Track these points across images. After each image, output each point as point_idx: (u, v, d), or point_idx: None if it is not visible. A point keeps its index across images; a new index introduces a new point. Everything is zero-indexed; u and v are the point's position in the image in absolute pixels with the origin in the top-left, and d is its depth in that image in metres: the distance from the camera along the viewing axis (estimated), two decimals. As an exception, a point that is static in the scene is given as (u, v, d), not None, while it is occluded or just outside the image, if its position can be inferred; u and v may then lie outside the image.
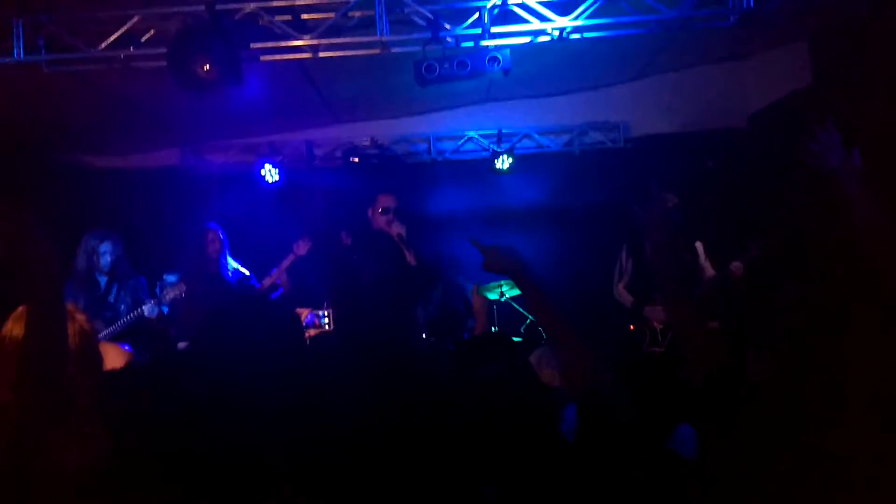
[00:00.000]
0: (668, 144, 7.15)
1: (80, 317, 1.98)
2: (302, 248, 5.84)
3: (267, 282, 5.88)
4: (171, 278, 6.28)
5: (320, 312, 5.78)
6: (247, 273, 5.89)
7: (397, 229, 5.29)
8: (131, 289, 5.32)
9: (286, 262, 5.85)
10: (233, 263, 5.85)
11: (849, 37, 5.70)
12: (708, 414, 2.09)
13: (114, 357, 2.55)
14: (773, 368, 1.92)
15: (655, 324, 5.49)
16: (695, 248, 5.62)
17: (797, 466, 1.60)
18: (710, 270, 5.54)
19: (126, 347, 4.68)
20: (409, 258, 5.33)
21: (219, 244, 5.74)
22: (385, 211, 5.38)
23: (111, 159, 7.47)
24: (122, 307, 5.22)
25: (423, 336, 5.82)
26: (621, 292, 5.74)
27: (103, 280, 5.24)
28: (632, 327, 5.66)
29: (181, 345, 5.14)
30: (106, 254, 5.17)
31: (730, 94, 6.85)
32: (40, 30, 4.56)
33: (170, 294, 5.24)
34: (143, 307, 5.15)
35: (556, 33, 4.74)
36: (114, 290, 5.25)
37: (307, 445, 1.45)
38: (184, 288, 5.29)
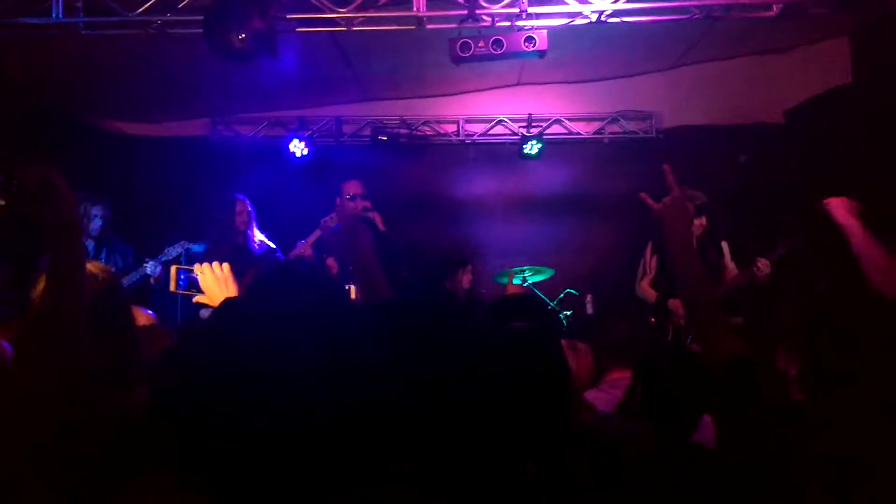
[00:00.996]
0: (700, 136, 7.06)
1: (101, 272, 1.97)
2: (330, 223, 5.85)
3: (292, 255, 5.88)
4: (196, 248, 6.31)
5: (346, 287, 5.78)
6: (273, 246, 5.90)
7: (361, 204, 5.84)
8: (120, 252, 5.40)
9: (312, 237, 5.85)
10: (259, 236, 5.86)
11: (890, 35, 5.59)
12: (726, 403, 2.07)
13: (137, 317, 2.55)
14: (796, 366, 1.90)
15: (679, 319, 5.43)
16: (720, 247, 5.56)
17: (813, 464, 1.59)
18: (734, 270, 5.48)
19: (145, 311, 4.73)
20: (378, 223, 5.78)
21: (246, 216, 5.74)
22: (352, 197, 5.86)
23: (142, 126, 7.51)
24: (113, 269, 5.28)
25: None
26: (645, 288, 5.68)
27: (91, 245, 5.28)
28: (653, 320, 5.62)
29: (203, 312, 5.18)
30: (96, 217, 5.23)
31: (767, 88, 6.74)
32: (79, -9, 4.58)
33: (172, 252, 5.28)
34: (146, 265, 5.20)
35: (595, 16, 4.68)
36: (104, 254, 5.29)
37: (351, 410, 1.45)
38: (187, 246, 5.35)
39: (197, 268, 2.25)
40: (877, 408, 1.62)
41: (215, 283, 2.20)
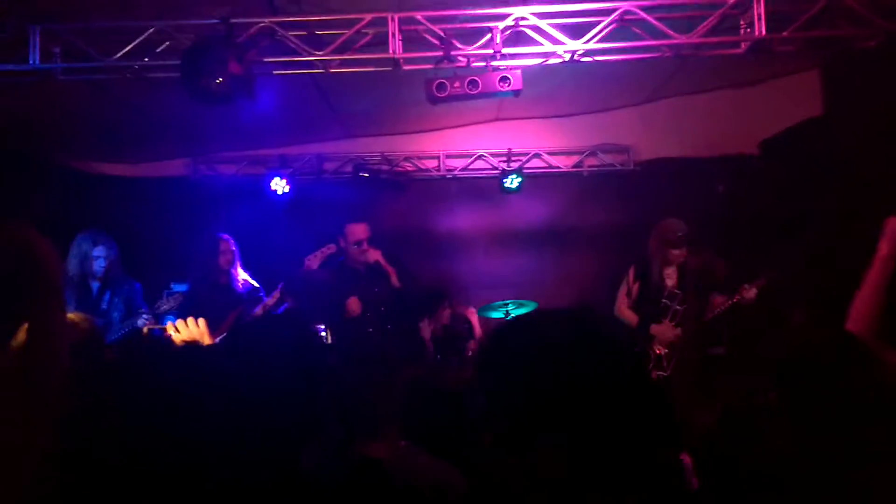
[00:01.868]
0: (677, 168, 7.16)
1: (83, 322, 1.97)
2: (313, 261, 5.83)
3: (275, 295, 5.86)
4: (178, 288, 6.28)
5: (321, 327, 5.77)
6: (256, 285, 5.88)
7: (373, 256, 5.44)
8: (125, 295, 5.21)
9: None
10: (243, 275, 5.84)
11: (858, 68, 5.71)
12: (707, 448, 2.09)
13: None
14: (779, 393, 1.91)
15: (658, 349, 5.46)
16: (706, 275, 5.59)
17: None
18: (720, 297, 5.51)
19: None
20: (394, 280, 5.45)
21: (230, 255, 5.71)
22: (358, 243, 5.50)
23: (122, 167, 7.53)
24: (115, 314, 5.12)
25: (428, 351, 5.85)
26: (624, 311, 5.69)
27: (96, 285, 5.14)
28: (635, 349, 5.63)
29: None
30: (100, 258, 5.08)
31: (741, 120, 6.86)
32: (56, 38, 4.60)
33: (165, 306, 5.17)
34: (138, 320, 5.05)
35: (568, 56, 4.76)
36: (107, 297, 5.13)
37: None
38: (179, 300, 5.25)
39: (169, 326, 2.26)
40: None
41: (191, 339, 2.20)
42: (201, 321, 2.24)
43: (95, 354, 2.01)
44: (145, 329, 5.07)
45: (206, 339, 2.22)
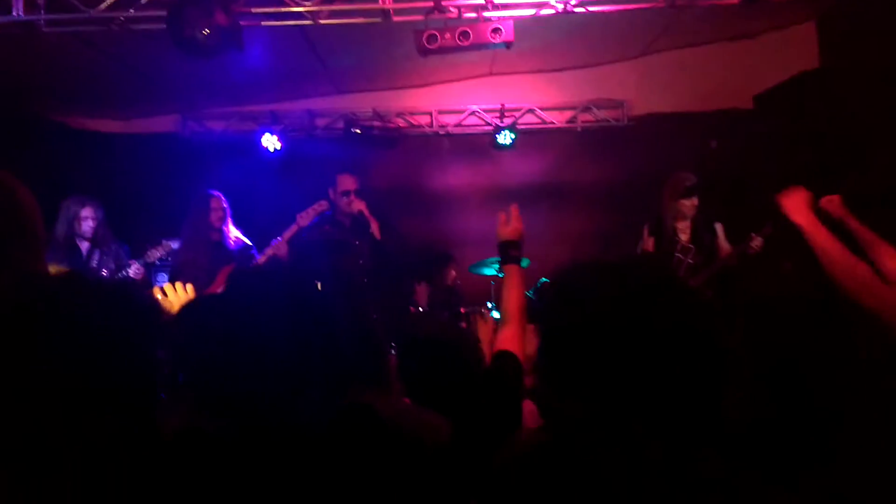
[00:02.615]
0: (671, 123, 7.10)
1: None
2: (305, 218, 5.81)
3: (268, 252, 5.84)
4: (172, 244, 6.25)
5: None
6: (249, 243, 5.86)
7: (358, 206, 5.64)
8: (113, 254, 5.30)
9: (289, 233, 5.81)
10: (235, 232, 5.82)
11: (855, 19, 5.65)
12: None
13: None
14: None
15: None
16: (714, 229, 5.60)
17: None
18: (728, 250, 5.51)
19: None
20: (374, 231, 5.62)
21: (222, 212, 5.69)
22: (346, 193, 5.72)
23: (111, 123, 7.45)
24: (105, 273, 5.19)
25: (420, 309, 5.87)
26: None
27: (84, 246, 5.22)
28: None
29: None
30: (87, 219, 5.15)
31: (735, 74, 6.79)
32: (39, -12, 4.52)
33: (154, 254, 5.21)
34: (129, 269, 5.12)
35: (561, 6, 4.69)
36: (96, 256, 5.22)
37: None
38: (169, 248, 5.28)
39: (157, 290, 2.24)
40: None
41: (179, 303, 2.19)
42: (189, 287, 2.23)
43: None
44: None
45: None
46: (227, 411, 1.54)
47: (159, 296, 2.25)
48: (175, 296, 2.23)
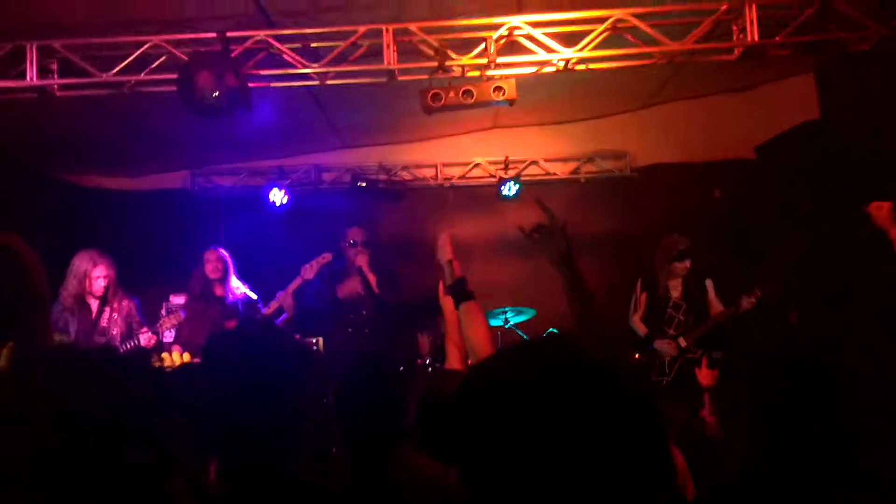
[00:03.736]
0: (675, 173, 7.17)
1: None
2: (309, 271, 5.87)
3: (273, 305, 5.88)
4: (177, 300, 6.30)
5: (312, 340, 5.82)
6: (254, 297, 5.90)
7: (359, 262, 5.89)
8: (125, 312, 5.26)
9: (292, 286, 5.86)
10: (240, 287, 5.86)
11: (853, 71, 5.73)
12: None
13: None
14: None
15: (663, 355, 5.64)
16: (704, 286, 5.78)
17: None
18: (718, 306, 5.66)
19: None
20: (373, 286, 5.84)
21: (221, 264, 5.76)
22: (352, 244, 5.96)
23: (120, 181, 7.55)
24: (115, 331, 5.16)
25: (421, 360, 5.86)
26: (636, 322, 5.92)
27: (94, 304, 5.18)
28: (636, 356, 5.76)
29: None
30: (98, 278, 5.12)
31: (737, 125, 6.87)
32: (53, 54, 4.63)
33: (167, 324, 5.19)
34: (140, 336, 5.07)
35: (562, 64, 4.78)
36: (105, 314, 5.17)
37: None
38: (181, 317, 5.26)
39: (165, 357, 2.28)
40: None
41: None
42: (186, 355, 2.26)
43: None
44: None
45: None
46: (242, 474, 1.56)
47: (166, 362, 2.29)
48: (172, 363, 2.26)
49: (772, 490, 1.60)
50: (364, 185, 7.30)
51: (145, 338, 5.05)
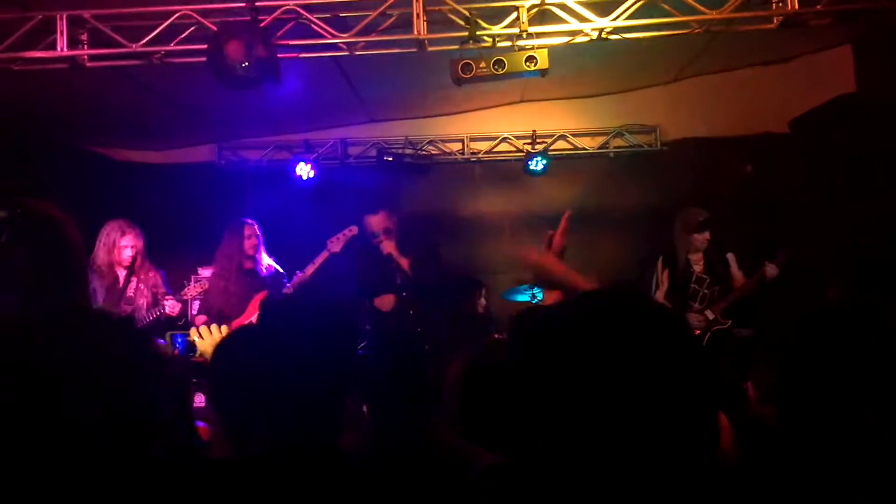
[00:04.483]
0: (705, 148, 7.06)
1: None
2: (336, 244, 5.86)
3: (298, 279, 5.88)
4: (205, 273, 6.31)
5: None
6: (281, 270, 5.90)
7: (387, 249, 5.67)
8: (151, 283, 5.28)
9: (319, 259, 5.86)
10: (267, 260, 5.86)
11: (892, 42, 5.58)
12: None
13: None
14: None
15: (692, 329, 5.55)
16: (726, 259, 5.69)
17: None
18: (741, 279, 5.59)
19: (161, 342, 4.72)
20: (405, 269, 5.67)
21: (255, 240, 5.74)
22: (374, 235, 5.74)
23: (148, 154, 7.57)
24: (142, 301, 5.18)
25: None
26: (660, 300, 5.81)
27: (122, 273, 5.19)
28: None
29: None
30: (126, 247, 5.14)
31: (770, 98, 6.74)
32: (83, 24, 4.62)
33: (191, 292, 5.20)
34: (165, 304, 5.11)
35: (595, 34, 4.69)
36: (133, 284, 5.18)
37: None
38: (205, 286, 5.27)
39: (193, 332, 2.25)
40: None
41: (214, 345, 2.19)
42: (224, 328, 2.24)
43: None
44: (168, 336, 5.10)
45: None
46: (271, 442, 1.55)
47: (196, 338, 2.26)
48: (210, 338, 2.24)
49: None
50: (390, 159, 7.25)
51: (170, 305, 5.09)
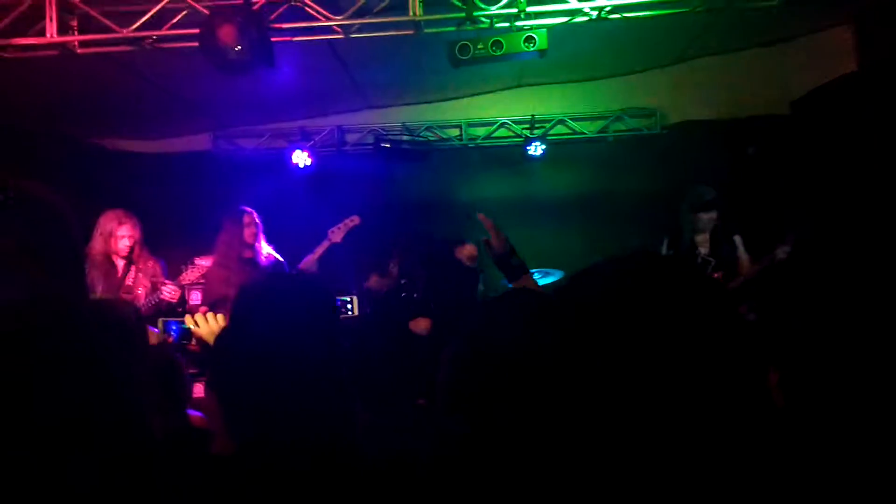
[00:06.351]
0: (706, 131, 7.00)
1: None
2: (337, 234, 5.80)
3: (300, 267, 5.83)
4: (202, 262, 6.25)
5: (346, 298, 5.73)
6: (280, 259, 5.84)
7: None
8: (150, 272, 5.23)
9: (320, 249, 5.80)
10: (267, 248, 5.80)
11: (895, 20, 5.52)
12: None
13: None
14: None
15: None
16: (733, 241, 5.57)
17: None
18: (747, 262, 5.50)
19: (153, 329, 4.65)
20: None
21: (255, 228, 5.67)
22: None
23: (143, 143, 7.50)
24: (140, 290, 5.14)
25: None
26: None
27: (120, 263, 5.16)
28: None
29: None
30: (124, 237, 5.08)
31: (771, 80, 6.67)
32: (72, 10, 4.54)
33: (188, 277, 5.16)
34: (163, 290, 5.08)
35: (595, 13, 4.61)
36: (131, 274, 5.15)
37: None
38: (203, 270, 5.23)
39: (188, 319, 2.19)
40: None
41: (211, 333, 2.14)
42: (220, 317, 2.18)
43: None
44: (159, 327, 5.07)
45: None
46: (272, 430, 1.51)
47: (192, 326, 2.21)
48: (207, 326, 2.18)
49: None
50: (387, 145, 7.18)
51: (168, 291, 5.04)
